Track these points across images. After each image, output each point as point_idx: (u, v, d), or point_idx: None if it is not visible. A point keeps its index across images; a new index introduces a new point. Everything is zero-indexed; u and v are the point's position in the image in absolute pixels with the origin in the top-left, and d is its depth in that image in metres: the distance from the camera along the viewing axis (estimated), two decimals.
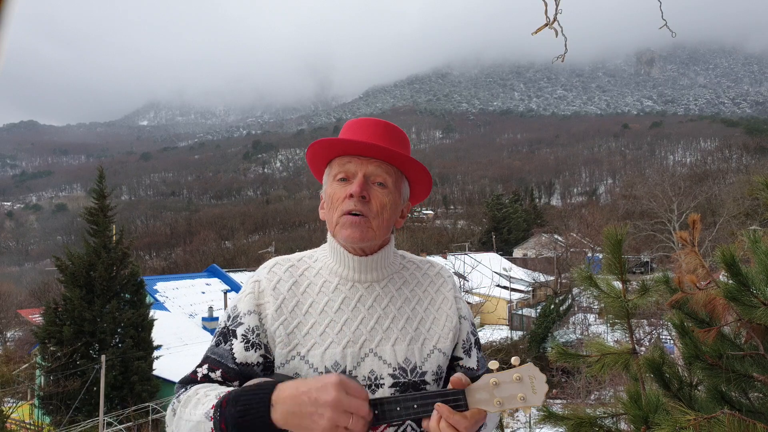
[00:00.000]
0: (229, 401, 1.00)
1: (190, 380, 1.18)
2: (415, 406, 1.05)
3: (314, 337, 1.20)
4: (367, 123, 1.29)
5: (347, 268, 1.27)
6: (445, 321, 1.30)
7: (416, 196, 1.37)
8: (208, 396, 1.07)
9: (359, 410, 0.97)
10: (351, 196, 1.20)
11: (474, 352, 1.36)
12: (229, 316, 1.25)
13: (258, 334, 1.20)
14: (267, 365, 1.21)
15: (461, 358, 1.33)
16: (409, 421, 1.19)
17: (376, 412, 1.05)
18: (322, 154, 1.30)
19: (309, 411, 0.95)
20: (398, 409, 1.05)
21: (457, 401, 1.05)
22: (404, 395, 1.08)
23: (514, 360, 1.06)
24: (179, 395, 1.15)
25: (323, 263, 1.31)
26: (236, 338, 1.20)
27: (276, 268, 1.29)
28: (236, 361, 1.18)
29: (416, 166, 1.27)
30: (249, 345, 1.19)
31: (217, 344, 1.22)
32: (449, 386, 1.08)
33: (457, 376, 1.06)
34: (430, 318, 1.30)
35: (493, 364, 1.05)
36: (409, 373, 1.21)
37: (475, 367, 1.34)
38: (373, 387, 1.18)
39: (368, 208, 1.21)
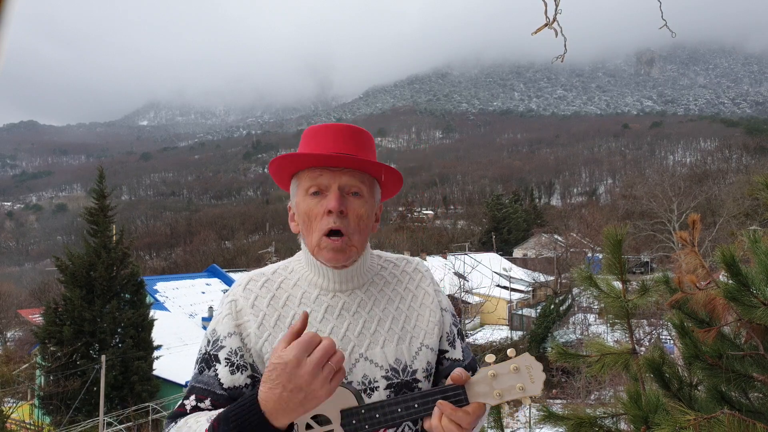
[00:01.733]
0: (220, 422, 0.98)
1: (179, 414, 1.14)
2: (416, 405, 1.06)
3: None
4: (332, 130, 1.22)
5: (326, 280, 1.25)
6: (429, 316, 1.30)
7: (387, 194, 1.35)
8: (199, 422, 1.05)
9: (328, 352, 0.95)
10: (330, 212, 1.16)
11: (458, 342, 1.35)
12: (208, 341, 1.20)
13: (242, 355, 1.17)
14: (255, 385, 1.15)
15: (447, 351, 1.33)
16: (407, 423, 1.19)
17: (378, 416, 1.05)
18: (288, 168, 1.25)
19: (301, 398, 0.94)
20: (399, 410, 1.06)
21: (458, 396, 1.05)
22: (404, 396, 1.08)
23: (510, 351, 1.06)
24: (170, 428, 1.11)
25: (300, 274, 1.27)
26: (219, 363, 1.16)
27: (251, 284, 1.25)
28: (223, 386, 1.15)
29: (388, 170, 1.24)
30: (234, 368, 1.16)
31: (201, 371, 1.17)
32: (448, 382, 1.08)
33: (457, 372, 1.07)
34: (414, 315, 1.29)
35: (490, 357, 1.06)
36: (401, 373, 1.21)
37: (461, 358, 1.34)
38: (369, 391, 1.17)
39: (346, 223, 1.18)
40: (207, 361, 1.18)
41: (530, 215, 68.19)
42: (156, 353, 17.17)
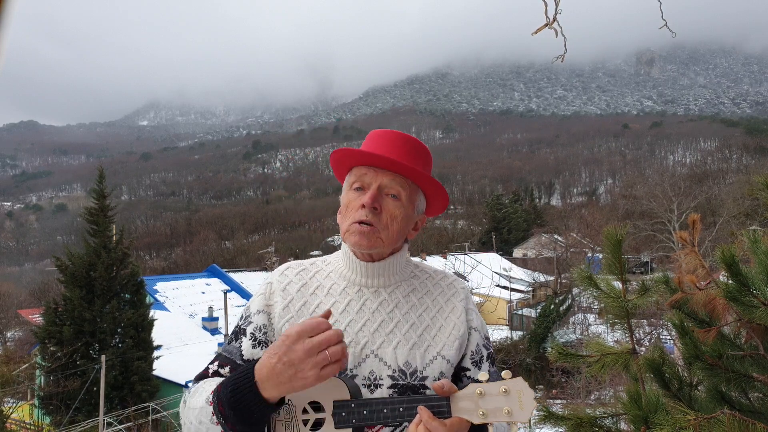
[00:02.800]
0: (222, 385, 1.07)
1: (203, 376, 1.26)
2: (401, 409, 1.06)
3: None
4: (389, 136, 1.32)
5: (355, 272, 1.32)
6: (452, 329, 1.30)
7: (432, 211, 1.41)
8: (211, 385, 1.14)
9: (330, 341, 1.01)
10: (363, 206, 1.25)
11: (485, 365, 1.34)
12: (242, 316, 1.33)
13: (265, 333, 1.27)
14: None
15: (468, 369, 1.32)
16: (406, 423, 1.19)
17: (365, 412, 1.07)
18: (344, 162, 1.35)
19: (291, 373, 1.00)
20: (385, 411, 1.07)
21: (441, 408, 1.04)
22: (392, 399, 1.10)
23: (505, 374, 1.04)
24: (190, 389, 1.22)
25: (334, 267, 1.37)
26: (245, 336, 1.28)
27: (288, 271, 1.36)
28: (244, 357, 1.25)
29: (431, 183, 1.31)
30: (256, 342, 1.26)
31: (229, 342, 1.30)
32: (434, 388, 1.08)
33: (439, 383, 1.06)
34: (437, 326, 1.30)
35: (483, 376, 1.04)
36: (408, 377, 1.22)
37: (485, 382, 1.34)
38: (372, 387, 1.21)
39: (378, 219, 1.25)
40: (236, 333, 1.30)
41: (530, 215, 68.18)
42: (156, 353, 17.16)
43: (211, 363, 1.27)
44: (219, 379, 1.17)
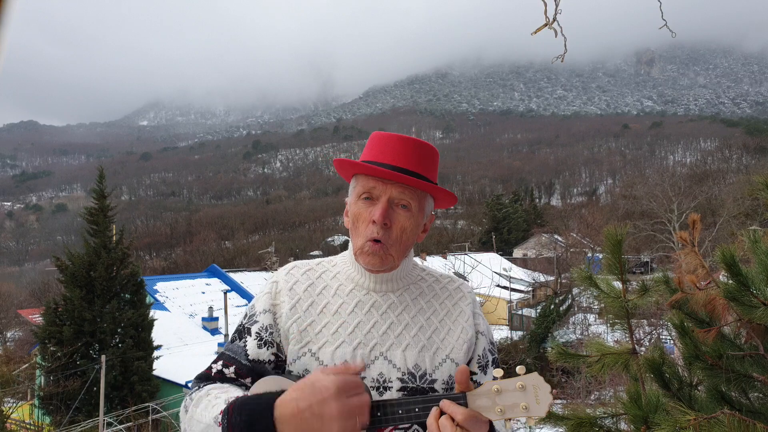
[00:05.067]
0: (235, 408, 1.01)
1: (205, 376, 1.24)
2: (417, 409, 1.05)
3: (326, 336, 1.23)
4: (395, 142, 1.27)
5: (364, 277, 1.31)
6: (460, 333, 1.30)
7: (440, 204, 1.39)
8: (219, 398, 1.09)
9: (363, 408, 0.98)
10: (374, 222, 1.22)
11: (491, 370, 1.33)
12: (246, 315, 1.31)
13: (271, 333, 1.25)
14: (278, 364, 1.25)
15: (475, 373, 1.32)
16: (416, 426, 1.20)
17: (379, 414, 1.05)
18: (348, 169, 1.32)
19: (317, 426, 0.94)
20: (400, 412, 1.05)
21: (459, 403, 1.03)
22: (407, 398, 1.08)
23: (519, 369, 1.04)
24: (192, 393, 1.18)
25: (341, 268, 1.35)
26: (250, 335, 1.25)
27: (294, 270, 1.34)
28: (249, 357, 1.23)
29: (442, 193, 1.29)
30: (262, 342, 1.24)
31: (233, 341, 1.27)
32: (455, 377, 1.06)
33: (461, 369, 1.05)
34: (445, 329, 1.30)
35: (498, 372, 1.04)
36: (418, 379, 1.21)
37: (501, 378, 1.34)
38: (381, 389, 1.20)
39: (388, 235, 1.23)
40: (240, 332, 1.27)
41: (530, 215, 68.17)
42: (156, 353, 17.16)
43: (215, 362, 1.25)
44: (226, 388, 1.15)
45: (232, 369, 1.22)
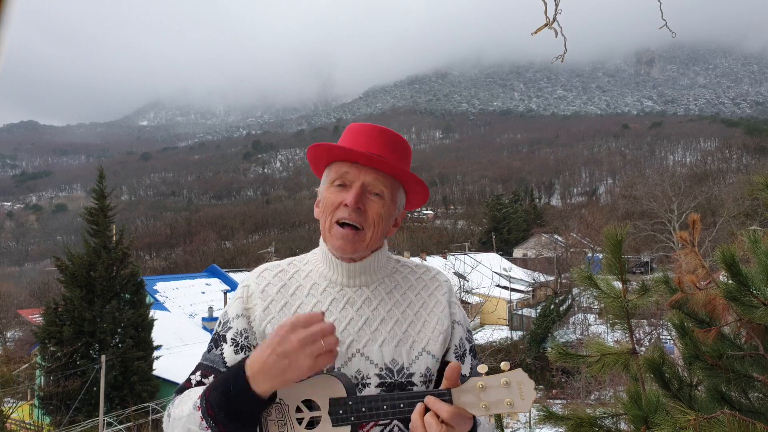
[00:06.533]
0: (211, 389, 1.05)
1: (185, 388, 1.22)
2: (402, 405, 1.05)
3: None
4: (369, 130, 1.28)
5: (336, 273, 1.29)
6: (436, 324, 1.29)
7: (411, 205, 1.38)
8: (196, 391, 1.12)
9: (324, 332, 1.00)
10: (346, 205, 1.21)
11: (468, 359, 1.32)
12: (220, 322, 1.29)
13: (247, 337, 1.24)
14: None
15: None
16: (396, 422, 1.20)
17: (364, 409, 1.06)
18: (323, 157, 1.31)
19: (285, 364, 0.98)
20: (385, 407, 1.06)
21: (444, 400, 1.03)
22: (391, 394, 1.08)
23: (504, 365, 1.03)
24: (173, 401, 1.19)
25: (313, 266, 1.34)
26: (226, 342, 1.24)
27: (265, 273, 1.32)
28: (227, 365, 1.21)
29: (413, 179, 1.28)
30: (238, 348, 1.23)
31: (209, 350, 1.26)
32: (445, 373, 1.05)
33: (453, 366, 1.03)
34: (421, 321, 1.28)
35: (482, 368, 1.04)
36: (395, 374, 1.21)
37: (468, 375, 1.32)
38: (360, 386, 1.19)
39: (364, 218, 1.22)
40: (216, 340, 1.27)
41: (530, 215, 68.21)
42: (156, 353, 17.17)
43: (193, 373, 1.23)
44: (205, 387, 1.15)
45: (211, 378, 1.20)
